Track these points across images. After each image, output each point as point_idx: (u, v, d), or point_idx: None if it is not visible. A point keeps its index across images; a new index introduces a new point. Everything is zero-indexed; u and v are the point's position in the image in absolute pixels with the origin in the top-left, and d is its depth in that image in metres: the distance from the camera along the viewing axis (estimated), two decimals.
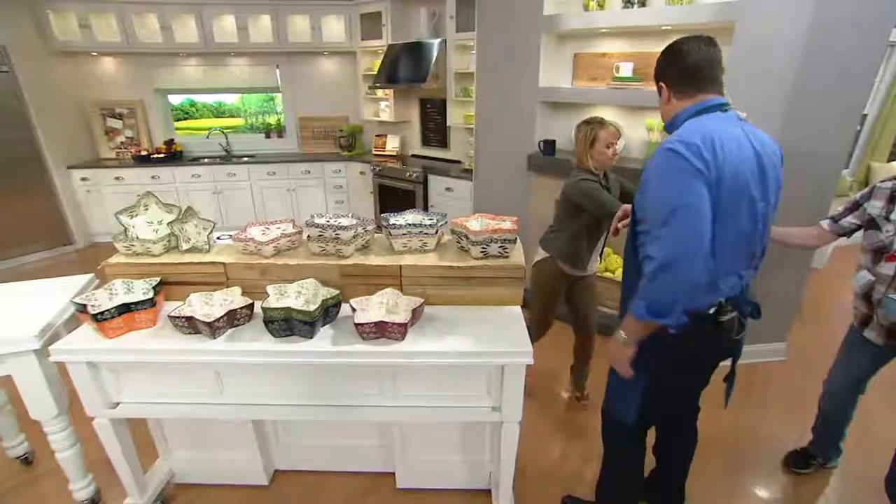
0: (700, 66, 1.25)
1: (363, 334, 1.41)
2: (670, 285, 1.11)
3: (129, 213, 1.75)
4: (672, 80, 1.28)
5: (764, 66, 2.21)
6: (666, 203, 1.12)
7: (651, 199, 1.18)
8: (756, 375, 2.64)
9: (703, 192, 1.11)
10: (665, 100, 1.32)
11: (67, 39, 4.29)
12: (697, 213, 1.10)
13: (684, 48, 1.26)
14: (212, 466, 1.90)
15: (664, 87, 1.30)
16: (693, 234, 1.10)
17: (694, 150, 1.11)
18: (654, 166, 1.18)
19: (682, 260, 1.09)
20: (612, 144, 2.00)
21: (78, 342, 1.43)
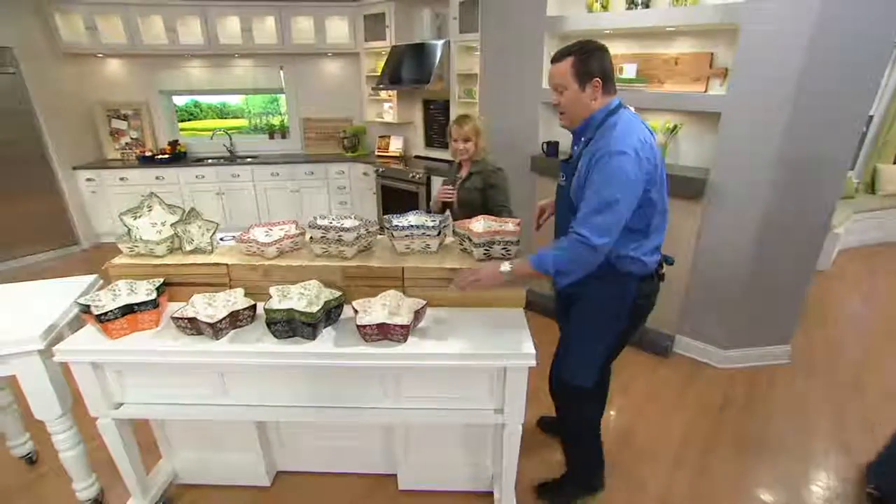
0: (612, 64, 1.42)
1: (365, 336, 1.41)
2: (586, 260, 1.37)
3: (133, 214, 1.76)
4: (603, 76, 1.38)
5: (767, 67, 2.20)
6: (606, 197, 1.32)
7: (595, 190, 1.34)
8: (760, 379, 2.62)
9: (637, 190, 1.35)
10: (590, 96, 1.40)
11: (74, 41, 4.32)
12: (627, 209, 1.34)
13: (605, 48, 1.40)
14: (214, 467, 1.90)
15: (598, 82, 1.38)
16: (616, 227, 1.34)
17: (639, 153, 1.32)
18: (606, 166, 1.32)
19: (602, 247, 1.34)
20: (456, 140, 2.25)
21: (82, 343, 1.43)
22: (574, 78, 1.39)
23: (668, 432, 2.23)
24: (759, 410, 2.39)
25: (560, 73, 1.41)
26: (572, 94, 1.41)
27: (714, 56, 2.53)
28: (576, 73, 1.38)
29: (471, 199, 2.26)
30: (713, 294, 2.66)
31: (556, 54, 1.44)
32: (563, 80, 1.41)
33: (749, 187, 2.39)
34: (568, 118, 1.49)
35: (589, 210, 1.34)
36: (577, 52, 1.38)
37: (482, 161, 2.32)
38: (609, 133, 1.35)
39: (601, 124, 1.40)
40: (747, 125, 2.32)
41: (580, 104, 1.42)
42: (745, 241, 2.48)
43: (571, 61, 1.38)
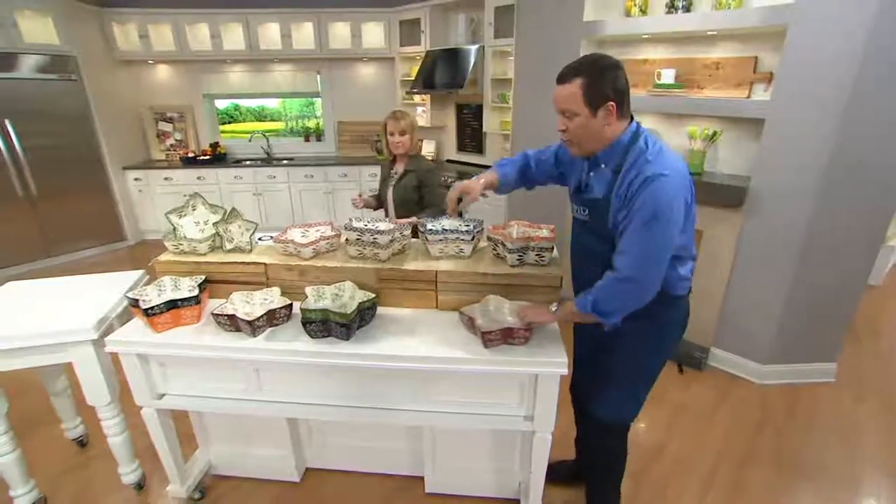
0: (628, 83, 1.27)
1: (488, 343, 1.39)
2: (636, 298, 1.27)
3: (178, 213, 1.84)
4: (619, 98, 1.23)
5: (817, 70, 2.10)
6: (652, 227, 1.20)
7: (641, 221, 1.20)
8: (802, 397, 2.50)
9: (682, 213, 1.22)
10: (602, 122, 1.25)
11: (128, 49, 4.58)
12: (676, 236, 1.23)
13: (620, 64, 1.24)
14: (247, 461, 1.96)
15: (613, 105, 1.22)
16: (666, 258, 1.24)
17: (681, 171, 1.22)
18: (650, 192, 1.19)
19: (653, 283, 1.25)
20: (393, 133, 2.31)
21: (130, 335, 1.51)
22: (585, 102, 1.22)
23: (702, 449, 2.16)
24: (800, 430, 2.27)
25: (568, 97, 1.24)
26: (582, 120, 1.25)
27: (758, 60, 2.44)
28: (587, 95, 1.21)
29: (407, 198, 2.32)
30: (752, 306, 2.56)
31: (562, 73, 1.25)
32: (572, 105, 1.24)
33: (793, 196, 2.29)
34: (577, 147, 1.33)
35: (634, 243, 1.22)
36: (588, 71, 1.21)
37: (417, 158, 2.39)
38: (643, 155, 1.23)
39: (629, 148, 1.27)
40: (793, 131, 2.23)
41: (591, 132, 1.27)
42: (787, 251, 2.37)
43: (582, 82, 1.21)
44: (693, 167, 2.65)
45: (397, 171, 2.43)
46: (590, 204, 1.37)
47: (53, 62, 4.05)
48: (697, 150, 2.64)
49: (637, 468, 1.56)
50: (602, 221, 1.33)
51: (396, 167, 2.45)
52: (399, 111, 2.36)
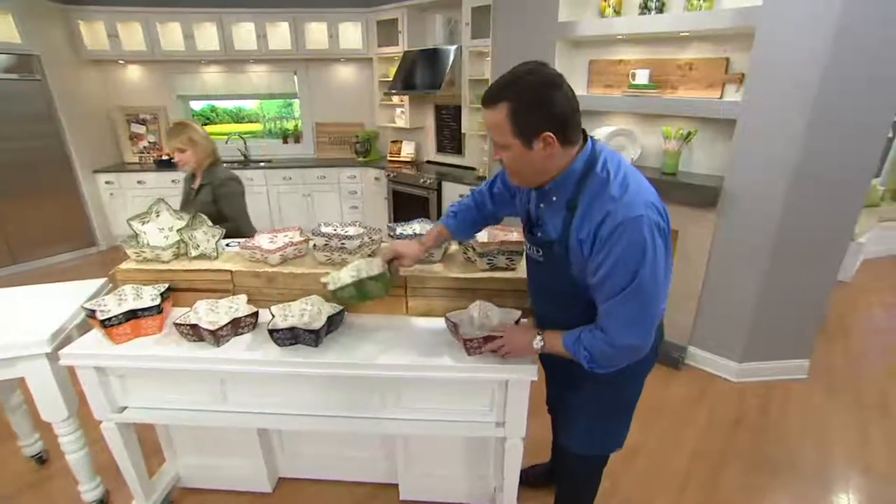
0: (575, 100, 1.03)
1: (470, 350, 1.34)
2: (629, 358, 1.12)
3: (141, 219, 1.78)
4: (558, 125, 1.00)
5: (786, 71, 2.13)
6: (635, 285, 1.00)
7: (619, 278, 1.01)
8: (776, 394, 2.54)
9: (665, 256, 1.03)
10: (546, 152, 1.02)
11: (96, 48, 4.45)
12: (663, 284, 1.05)
13: (557, 80, 0.99)
14: (217, 472, 1.91)
15: (551, 137, 1.00)
16: (656, 313, 1.07)
17: (656, 206, 1.02)
18: (623, 242, 0.98)
19: (645, 344, 1.09)
20: (171, 152, 2.22)
21: (86, 347, 1.45)
22: (514, 132, 1.00)
23: (677, 449, 2.17)
24: (775, 428, 2.30)
25: (494, 126, 1.02)
26: (516, 153, 1.04)
27: (730, 61, 2.47)
28: (516, 125, 0.99)
29: (207, 213, 1.97)
30: (727, 305, 2.58)
31: (485, 93, 1.02)
32: (501, 136, 1.02)
33: (765, 195, 2.32)
34: (521, 178, 1.13)
35: (621, 305, 1.03)
36: (513, 94, 0.98)
37: (211, 172, 2.25)
38: (606, 190, 1.01)
39: (585, 178, 1.05)
40: (764, 132, 2.26)
41: (530, 166, 1.06)
42: (760, 250, 2.40)
43: (508, 108, 0.98)
44: (668, 167, 2.67)
45: (195, 186, 2.30)
46: (544, 246, 1.17)
47: (15, 61, 3.91)
48: (672, 150, 2.66)
49: (611, 469, 1.56)
50: (561, 264, 1.14)
51: (195, 182, 2.31)
52: (177, 124, 2.19)
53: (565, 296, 1.20)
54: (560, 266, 1.15)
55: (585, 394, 1.34)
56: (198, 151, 2.19)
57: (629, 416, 1.40)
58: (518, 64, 1.04)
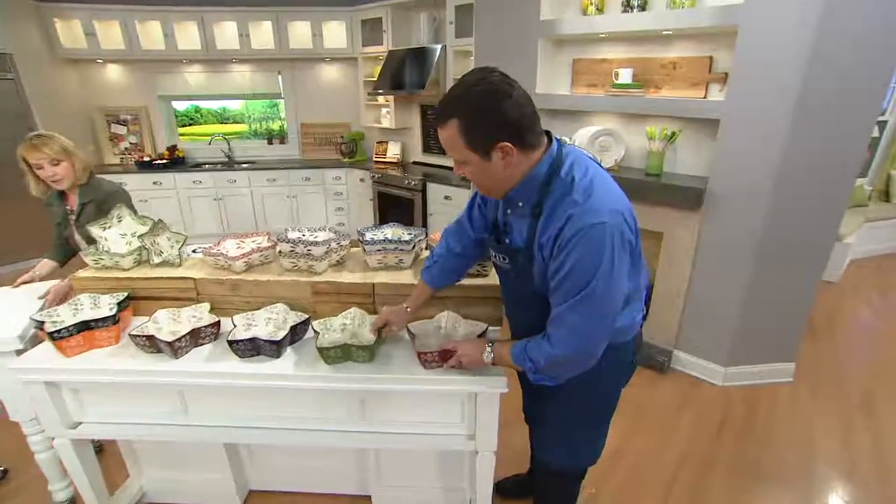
0: (530, 103, 0.98)
1: (425, 364, 1.29)
2: (579, 365, 1.08)
3: (102, 225, 1.71)
4: (514, 133, 0.96)
5: (769, 70, 2.09)
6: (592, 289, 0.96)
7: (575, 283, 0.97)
8: (762, 398, 2.50)
9: (627, 261, 1.00)
10: (502, 165, 0.99)
11: (73, 47, 4.34)
12: (620, 290, 1.01)
13: (505, 88, 0.94)
14: (183, 486, 1.84)
15: (507, 146, 0.95)
16: (612, 318, 1.03)
17: (621, 212, 0.98)
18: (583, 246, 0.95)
19: (597, 351, 1.05)
20: (41, 167, 1.79)
21: (36, 361, 1.38)
22: (469, 147, 0.97)
23: (662, 454, 2.13)
24: (760, 432, 2.27)
25: (448, 141, 0.99)
26: (477, 166, 1.00)
27: (713, 60, 2.43)
28: (468, 139, 0.96)
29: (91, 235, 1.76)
30: (712, 308, 2.54)
31: (436, 111, 1.00)
32: (456, 152, 0.99)
33: (749, 196, 2.28)
34: (487, 191, 1.11)
35: (570, 313, 1.00)
36: (460, 109, 0.95)
37: (92, 185, 1.91)
38: (570, 196, 0.97)
39: (549, 182, 1.02)
40: (747, 132, 2.22)
41: (493, 178, 1.03)
42: (745, 252, 2.36)
43: (458, 124, 0.95)
44: (652, 168, 2.62)
45: (72, 207, 1.94)
46: (509, 253, 1.14)
47: None
48: (656, 150, 2.62)
49: (594, 474, 1.52)
50: (526, 272, 1.11)
51: (69, 203, 1.95)
52: (37, 136, 1.78)
53: (532, 303, 1.15)
54: (525, 274, 1.12)
55: (559, 405, 1.30)
56: (76, 162, 1.83)
57: (605, 428, 1.36)
58: (467, 73, 1.00)
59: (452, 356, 1.26)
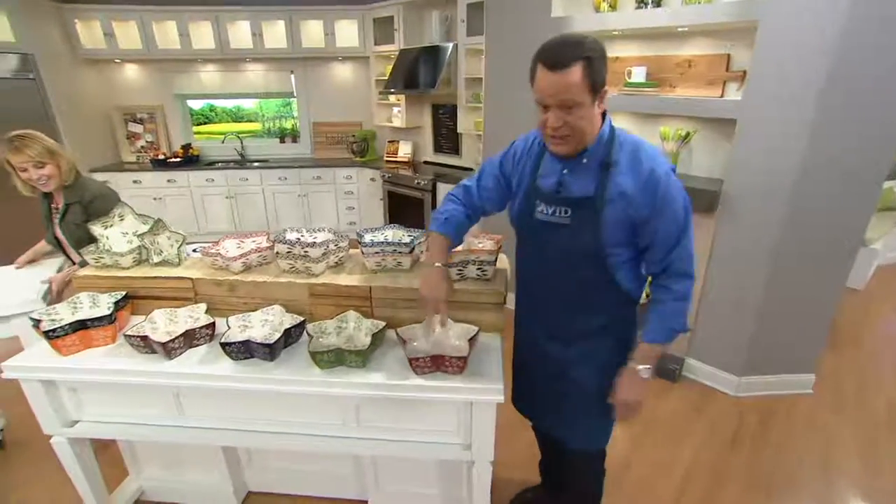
0: None
1: (417, 369, 1.27)
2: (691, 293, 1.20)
3: (103, 223, 1.71)
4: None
5: (790, 66, 2.00)
6: (684, 224, 1.14)
7: (673, 221, 1.13)
8: (778, 409, 2.40)
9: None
10: (600, 110, 1.12)
11: (92, 47, 4.42)
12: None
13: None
14: (182, 486, 1.84)
15: (605, 90, 1.08)
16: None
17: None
18: (670, 190, 1.11)
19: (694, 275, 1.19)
20: (25, 170, 1.78)
21: (32, 359, 1.38)
22: (589, 87, 1.03)
23: (671, 467, 2.05)
24: (774, 446, 2.17)
25: (571, 85, 1.02)
26: (587, 110, 1.06)
27: (731, 58, 2.34)
28: (591, 79, 1.03)
29: (81, 236, 1.82)
30: (727, 315, 2.45)
31: (558, 57, 1.02)
32: (576, 94, 1.03)
33: (766, 198, 2.19)
34: (574, 142, 1.12)
35: (677, 243, 1.14)
36: (588, 52, 1.02)
37: (78, 185, 1.88)
38: (642, 148, 1.13)
39: (612, 138, 1.14)
40: (766, 131, 2.12)
41: (592, 122, 1.10)
42: (762, 257, 2.27)
43: (584, 65, 1.01)
44: None
45: (57, 206, 1.93)
46: (573, 203, 1.17)
47: (9, 60, 3.89)
48: (670, 151, 2.53)
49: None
50: (588, 223, 1.16)
51: (55, 201, 1.94)
52: (18, 137, 1.75)
53: (575, 264, 1.21)
54: (585, 227, 1.16)
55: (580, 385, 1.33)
56: (61, 163, 1.80)
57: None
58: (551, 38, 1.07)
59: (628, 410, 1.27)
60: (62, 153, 1.84)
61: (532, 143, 1.30)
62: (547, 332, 1.35)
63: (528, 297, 1.41)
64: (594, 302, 1.26)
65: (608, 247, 1.16)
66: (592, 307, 1.26)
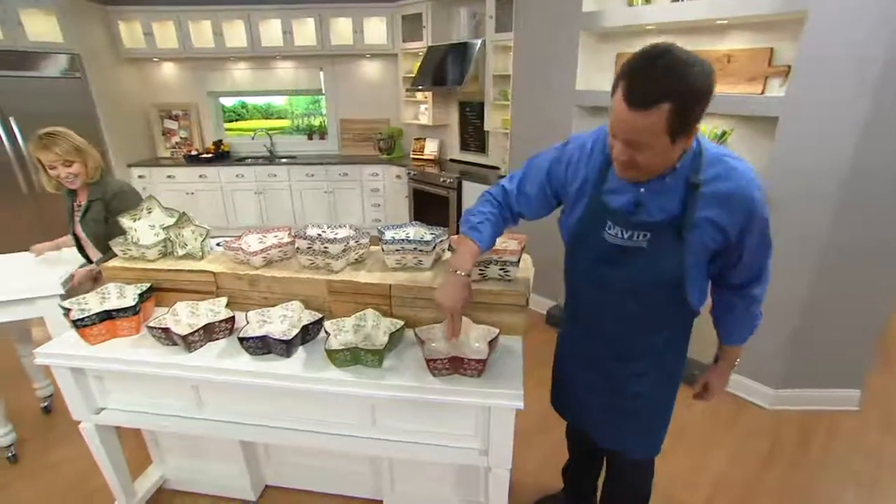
0: None
1: (434, 371, 1.24)
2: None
3: (132, 216, 1.75)
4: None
5: (840, 63, 1.87)
6: (769, 242, 1.09)
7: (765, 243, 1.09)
8: (818, 426, 2.25)
9: None
10: (686, 145, 0.94)
11: (133, 47, 4.59)
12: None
13: (713, 69, 0.88)
14: (202, 476, 1.87)
15: (698, 128, 0.92)
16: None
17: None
18: (763, 213, 1.03)
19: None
20: (54, 167, 1.80)
21: (62, 346, 1.42)
22: (668, 131, 0.86)
23: (697, 480, 1.95)
24: (814, 465, 2.04)
25: (646, 128, 0.86)
26: (656, 152, 0.92)
27: (774, 52, 2.20)
28: (673, 124, 0.85)
29: (100, 233, 1.85)
30: (765, 323, 2.29)
31: (640, 93, 0.84)
32: (649, 137, 0.88)
33: (811, 201, 2.05)
34: (640, 174, 1.00)
35: (763, 261, 1.11)
36: (681, 93, 0.82)
37: (101, 183, 1.90)
38: (723, 167, 0.99)
39: (699, 153, 1.00)
40: (812, 129, 1.99)
41: (666, 159, 0.95)
42: (804, 263, 2.13)
43: (671, 108, 0.82)
44: None
45: (80, 202, 1.95)
46: (653, 227, 1.04)
47: (58, 60, 4.08)
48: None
49: None
50: (672, 247, 1.04)
51: (79, 198, 1.96)
52: (47, 135, 1.77)
53: (656, 284, 1.11)
54: (669, 250, 1.06)
55: (649, 392, 1.29)
56: (88, 161, 1.83)
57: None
58: (646, 49, 0.87)
59: (706, 393, 1.37)
60: (90, 151, 1.87)
61: (592, 151, 1.13)
62: (605, 350, 1.27)
63: (584, 314, 1.31)
64: (661, 320, 1.20)
65: (688, 269, 1.07)
66: (658, 326, 1.20)
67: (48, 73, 4.05)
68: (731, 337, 1.28)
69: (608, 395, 1.31)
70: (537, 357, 1.74)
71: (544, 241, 1.96)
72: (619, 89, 0.88)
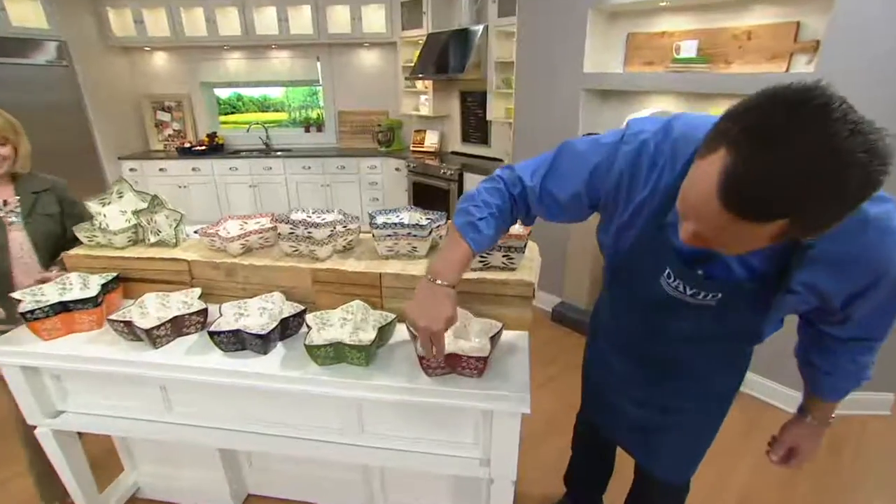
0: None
1: (428, 370, 1.10)
2: None
3: (101, 200, 1.60)
4: None
5: (875, 36, 1.71)
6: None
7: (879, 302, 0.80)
8: (847, 431, 2.09)
9: None
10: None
11: (123, 35, 4.43)
12: None
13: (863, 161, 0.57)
14: (179, 484, 1.71)
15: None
16: None
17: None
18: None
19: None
20: None
21: (11, 342, 1.27)
22: (777, 238, 0.61)
23: (721, 488, 1.80)
24: (845, 472, 1.88)
25: (747, 237, 0.62)
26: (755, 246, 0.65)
27: (800, 26, 2.04)
28: (789, 234, 0.60)
29: (53, 232, 1.57)
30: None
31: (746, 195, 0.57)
32: (749, 243, 0.64)
33: None
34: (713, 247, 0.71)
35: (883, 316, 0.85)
36: (801, 208, 0.56)
37: (34, 176, 1.59)
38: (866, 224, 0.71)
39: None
40: None
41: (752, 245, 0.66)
42: None
43: (789, 223, 0.57)
44: None
45: (8, 200, 1.51)
46: (726, 288, 0.81)
47: (44, 48, 3.93)
48: None
49: None
50: (752, 308, 0.83)
51: (8, 191, 1.53)
52: None
53: (722, 339, 0.96)
54: (748, 311, 0.84)
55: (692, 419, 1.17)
56: (20, 146, 1.51)
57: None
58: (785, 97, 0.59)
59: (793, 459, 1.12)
60: (24, 137, 1.54)
61: (662, 168, 0.81)
62: (645, 370, 1.13)
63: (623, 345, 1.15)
64: (722, 361, 1.09)
65: (769, 325, 0.87)
66: (718, 366, 1.09)
67: (33, 61, 3.90)
68: (831, 392, 1.00)
69: (648, 410, 1.17)
70: (542, 356, 1.58)
71: (548, 231, 1.81)
72: (714, 164, 0.58)
